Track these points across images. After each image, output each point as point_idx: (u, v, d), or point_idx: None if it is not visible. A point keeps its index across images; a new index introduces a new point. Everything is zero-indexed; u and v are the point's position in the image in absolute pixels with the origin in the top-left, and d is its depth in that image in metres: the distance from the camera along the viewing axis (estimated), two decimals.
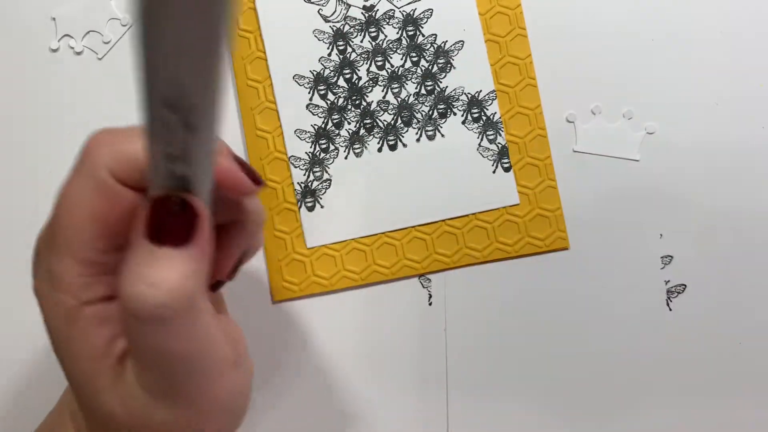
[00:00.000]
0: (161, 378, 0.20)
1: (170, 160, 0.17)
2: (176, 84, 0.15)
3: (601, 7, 0.36)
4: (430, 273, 0.36)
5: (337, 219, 0.35)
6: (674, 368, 0.35)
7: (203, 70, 0.15)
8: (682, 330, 0.35)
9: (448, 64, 0.36)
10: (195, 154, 0.17)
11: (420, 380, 0.35)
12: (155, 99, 0.15)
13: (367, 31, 0.36)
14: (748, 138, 0.35)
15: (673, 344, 0.35)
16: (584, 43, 0.36)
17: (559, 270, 0.35)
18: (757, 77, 0.35)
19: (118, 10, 0.36)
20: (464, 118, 0.36)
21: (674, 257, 0.35)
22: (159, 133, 0.16)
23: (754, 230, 0.35)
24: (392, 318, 0.35)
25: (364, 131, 0.36)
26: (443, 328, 0.35)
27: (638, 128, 0.35)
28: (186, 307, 0.18)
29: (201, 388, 0.20)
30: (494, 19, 0.36)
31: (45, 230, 0.21)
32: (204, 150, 0.17)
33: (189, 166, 0.17)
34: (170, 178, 0.18)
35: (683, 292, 0.35)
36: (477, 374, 0.35)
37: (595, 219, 0.35)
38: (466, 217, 0.35)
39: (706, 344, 0.35)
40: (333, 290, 0.36)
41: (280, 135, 0.36)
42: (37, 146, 0.37)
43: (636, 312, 0.35)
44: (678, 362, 0.35)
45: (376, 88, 0.36)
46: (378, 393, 0.35)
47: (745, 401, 0.35)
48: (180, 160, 0.17)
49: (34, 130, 0.37)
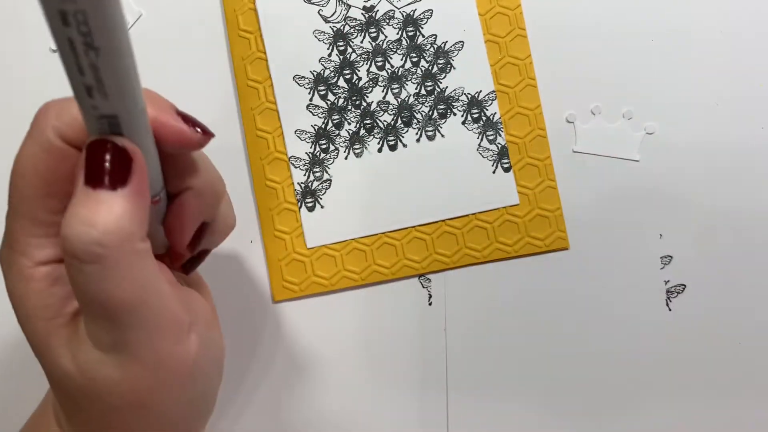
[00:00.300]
0: (107, 329, 0.20)
1: (89, 94, 0.18)
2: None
3: (601, 7, 0.36)
4: (430, 273, 0.36)
5: (337, 219, 0.35)
6: (674, 368, 0.35)
7: None
8: (682, 330, 0.35)
9: (448, 65, 0.36)
10: (108, 82, 0.18)
11: (420, 380, 0.35)
12: (50, 9, 0.16)
13: (367, 32, 0.36)
14: (748, 138, 0.35)
15: (673, 344, 0.35)
16: (584, 43, 0.36)
17: (559, 270, 0.35)
18: (757, 77, 0.35)
19: None
20: (464, 118, 0.36)
21: (674, 257, 0.35)
22: (67, 59, 0.17)
23: (754, 230, 0.35)
24: (392, 318, 0.35)
25: (364, 131, 0.36)
26: (443, 328, 0.35)
27: (638, 128, 0.35)
28: (122, 247, 0.19)
29: (146, 342, 0.20)
30: (494, 20, 0.36)
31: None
32: (116, 76, 0.18)
33: (107, 99, 0.18)
34: (98, 120, 0.19)
35: (683, 292, 0.35)
36: (477, 374, 0.35)
37: (594, 219, 0.35)
38: (466, 217, 0.35)
39: (706, 344, 0.35)
40: (333, 290, 0.36)
41: (281, 135, 0.36)
42: None
43: (636, 312, 0.35)
44: (678, 362, 0.35)
45: (376, 88, 0.36)
46: (378, 393, 0.35)
47: (745, 401, 0.35)
48: (97, 91, 0.18)
49: None
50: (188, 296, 0.24)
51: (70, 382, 0.21)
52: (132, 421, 0.22)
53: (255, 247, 0.36)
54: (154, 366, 0.21)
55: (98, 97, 0.18)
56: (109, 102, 0.18)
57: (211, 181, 0.24)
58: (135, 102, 0.19)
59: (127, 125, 0.19)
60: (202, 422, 0.26)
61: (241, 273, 0.36)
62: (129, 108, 0.19)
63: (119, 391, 0.21)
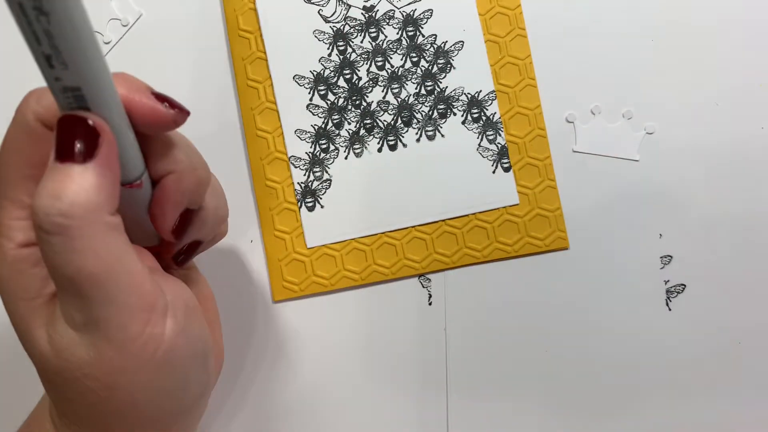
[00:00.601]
0: (77, 306, 0.20)
1: (50, 63, 0.18)
2: None
3: (601, 7, 0.36)
4: (430, 273, 0.36)
5: (337, 219, 0.35)
6: (674, 368, 0.35)
7: None
8: (682, 330, 0.35)
9: (448, 65, 0.36)
10: (64, 49, 0.18)
11: (420, 380, 0.35)
12: None
13: (367, 32, 0.36)
14: (748, 138, 0.35)
15: (673, 344, 0.35)
16: (584, 43, 0.36)
17: (558, 270, 0.35)
18: (757, 77, 0.35)
19: (119, 10, 0.36)
20: (464, 118, 0.36)
21: (674, 257, 0.35)
22: (22, 26, 0.17)
23: (754, 230, 0.35)
24: (392, 318, 0.35)
25: (364, 131, 0.36)
26: (443, 328, 0.35)
27: (638, 128, 0.35)
28: (87, 218, 0.19)
29: (116, 320, 0.21)
30: (494, 20, 0.36)
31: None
32: (71, 43, 0.18)
33: (67, 69, 0.18)
34: (63, 94, 0.19)
35: (683, 292, 0.35)
36: (477, 374, 0.35)
37: (594, 219, 0.35)
38: (466, 217, 0.35)
39: (706, 344, 0.35)
40: (333, 290, 0.36)
41: (281, 135, 0.36)
42: None
43: (636, 312, 0.35)
44: (677, 362, 0.35)
45: (376, 88, 0.36)
46: (378, 393, 0.35)
47: (745, 401, 0.35)
48: (56, 60, 0.18)
49: None
50: (170, 283, 0.24)
51: (48, 365, 0.22)
52: (108, 408, 0.22)
53: (255, 247, 0.36)
54: (123, 345, 0.21)
55: (58, 67, 0.18)
56: (70, 72, 0.19)
57: (192, 165, 0.24)
58: (97, 73, 0.19)
59: (93, 99, 0.20)
60: (185, 421, 0.26)
61: (241, 273, 0.36)
62: (91, 79, 0.19)
63: (92, 373, 0.21)
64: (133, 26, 0.37)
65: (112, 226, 0.20)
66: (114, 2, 0.36)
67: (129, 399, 0.22)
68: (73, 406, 0.23)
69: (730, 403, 0.35)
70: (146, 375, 0.22)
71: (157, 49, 0.37)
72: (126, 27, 0.36)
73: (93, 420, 0.23)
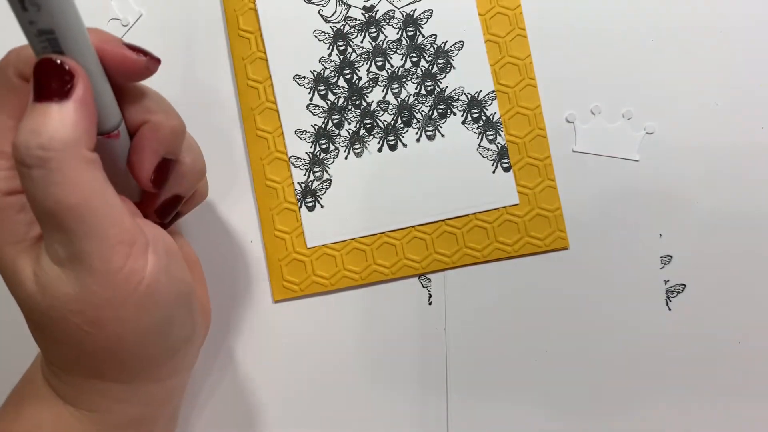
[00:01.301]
0: (60, 240, 0.21)
1: (23, 6, 0.20)
2: None
3: (601, 7, 0.36)
4: (430, 273, 0.36)
5: (337, 219, 0.35)
6: (674, 368, 0.35)
7: None
8: (682, 330, 0.35)
9: (448, 65, 0.36)
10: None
11: (420, 380, 0.35)
12: None
13: (367, 32, 0.36)
14: (748, 138, 0.35)
15: (673, 344, 0.35)
16: (584, 43, 0.36)
17: (558, 270, 0.35)
18: (757, 77, 0.35)
19: (119, 10, 0.36)
20: (464, 118, 0.36)
21: (674, 257, 0.35)
22: None
23: (754, 230, 0.35)
24: (392, 318, 0.35)
25: (364, 131, 0.36)
26: (443, 328, 0.35)
27: (638, 128, 0.35)
28: (65, 151, 0.20)
29: (97, 253, 0.21)
30: (494, 20, 0.36)
31: None
32: None
33: (39, 11, 0.20)
34: (38, 38, 0.21)
35: (683, 292, 0.35)
36: (477, 374, 0.35)
37: (594, 219, 0.35)
38: (466, 217, 0.35)
39: (706, 344, 0.35)
40: (333, 290, 0.36)
41: (281, 135, 0.36)
42: None
43: (636, 312, 0.35)
44: (677, 362, 0.35)
45: (376, 88, 0.36)
46: (378, 393, 0.35)
47: (745, 401, 0.35)
48: (29, 2, 0.19)
49: None
50: (149, 226, 0.25)
51: (34, 305, 0.22)
52: (95, 347, 0.23)
53: (255, 246, 0.36)
54: (105, 277, 0.22)
55: (31, 9, 0.20)
56: (42, 14, 0.20)
57: (166, 113, 0.25)
58: (69, 16, 0.21)
59: (67, 43, 0.21)
60: (172, 365, 0.26)
61: (241, 273, 0.36)
62: (63, 22, 0.21)
63: (77, 308, 0.22)
64: (133, 26, 0.37)
65: (89, 160, 0.21)
66: (114, 2, 0.36)
67: (115, 336, 0.23)
68: (61, 349, 0.24)
69: (730, 403, 0.35)
70: (130, 310, 0.22)
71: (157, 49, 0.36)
72: (126, 27, 0.36)
73: (81, 363, 0.24)
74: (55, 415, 0.25)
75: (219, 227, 0.36)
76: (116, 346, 0.23)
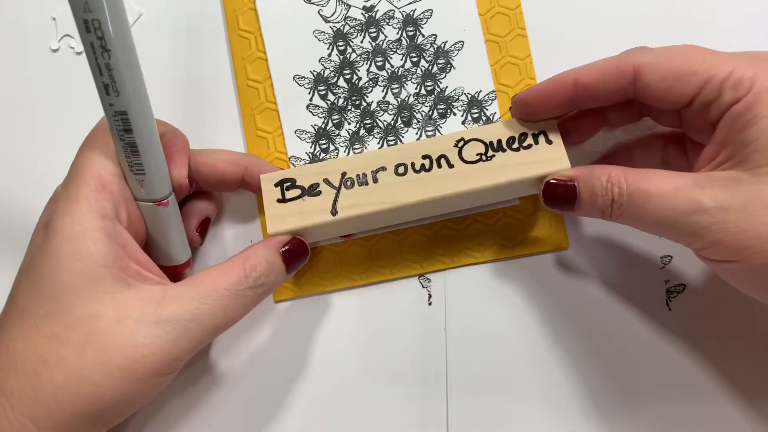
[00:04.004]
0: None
1: (107, 92, 0.25)
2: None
3: (601, 8, 0.36)
4: (430, 273, 0.36)
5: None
6: (674, 368, 0.35)
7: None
8: (682, 330, 0.35)
9: (448, 65, 0.36)
10: (119, 80, 0.25)
11: (420, 380, 0.35)
12: (76, 14, 0.23)
13: (367, 32, 0.36)
14: None
15: (673, 344, 0.35)
16: (584, 44, 0.36)
17: (559, 270, 0.35)
18: None
19: None
20: (464, 118, 0.36)
21: (674, 257, 0.35)
22: (90, 61, 0.24)
23: None
24: (392, 318, 0.35)
25: (364, 131, 0.36)
26: (443, 328, 0.35)
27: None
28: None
29: None
30: (494, 20, 0.36)
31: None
32: (124, 75, 0.25)
33: (119, 96, 0.25)
34: (114, 118, 0.26)
35: (683, 292, 0.35)
36: (477, 374, 0.35)
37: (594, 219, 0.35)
38: (466, 217, 0.35)
39: (706, 344, 0.35)
40: (333, 290, 0.36)
41: (281, 135, 0.36)
42: (37, 146, 0.37)
43: (636, 312, 0.35)
44: (677, 362, 0.35)
45: (376, 88, 0.36)
46: (378, 393, 0.35)
47: (745, 401, 0.35)
48: (112, 89, 0.25)
49: (34, 129, 0.37)
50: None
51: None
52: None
53: None
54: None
55: (113, 95, 0.25)
56: (120, 99, 0.25)
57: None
58: (141, 99, 0.26)
59: (136, 123, 0.26)
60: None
61: None
62: (136, 105, 0.26)
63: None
64: (133, 26, 0.37)
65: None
66: None
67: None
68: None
69: (730, 403, 0.35)
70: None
71: (157, 49, 0.37)
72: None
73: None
74: None
75: (219, 227, 0.36)
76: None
